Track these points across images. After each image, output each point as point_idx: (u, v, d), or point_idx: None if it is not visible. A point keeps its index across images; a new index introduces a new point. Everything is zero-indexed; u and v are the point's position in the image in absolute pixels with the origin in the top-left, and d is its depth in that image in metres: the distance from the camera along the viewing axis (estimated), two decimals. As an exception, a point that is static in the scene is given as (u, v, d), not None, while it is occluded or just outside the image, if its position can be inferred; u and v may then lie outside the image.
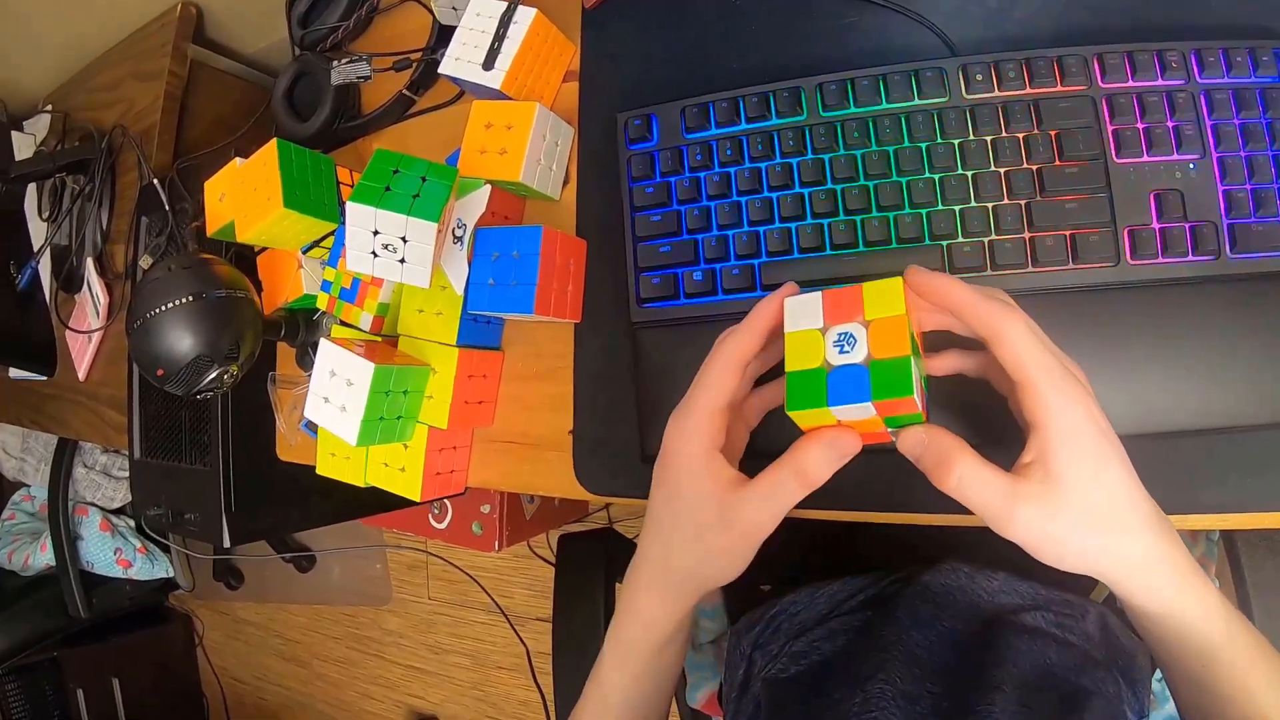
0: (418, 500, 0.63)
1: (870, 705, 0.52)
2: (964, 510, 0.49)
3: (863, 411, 0.37)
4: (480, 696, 1.91)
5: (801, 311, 0.40)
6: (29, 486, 1.87)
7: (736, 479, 0.42)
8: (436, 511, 1.47)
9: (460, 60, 0.63)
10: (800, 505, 0.52)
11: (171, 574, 1.81)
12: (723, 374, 0.42)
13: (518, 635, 1.69)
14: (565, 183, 0.65)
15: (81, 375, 1.11)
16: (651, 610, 0.46)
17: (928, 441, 0.38)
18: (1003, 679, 0.52)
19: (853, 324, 0.38)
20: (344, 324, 0.65)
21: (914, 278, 0.39)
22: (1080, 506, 0.36)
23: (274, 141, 0.62)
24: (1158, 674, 0.67)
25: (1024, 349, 0.37)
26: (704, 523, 0.42)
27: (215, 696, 2.34)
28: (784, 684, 0.64)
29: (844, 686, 0.56)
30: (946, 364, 0.46)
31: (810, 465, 0.39)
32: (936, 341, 0.44)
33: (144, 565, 1.74)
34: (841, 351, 0.38)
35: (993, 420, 0.46)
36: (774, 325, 0.42)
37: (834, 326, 0.39)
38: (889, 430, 0.40)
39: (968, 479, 0.37)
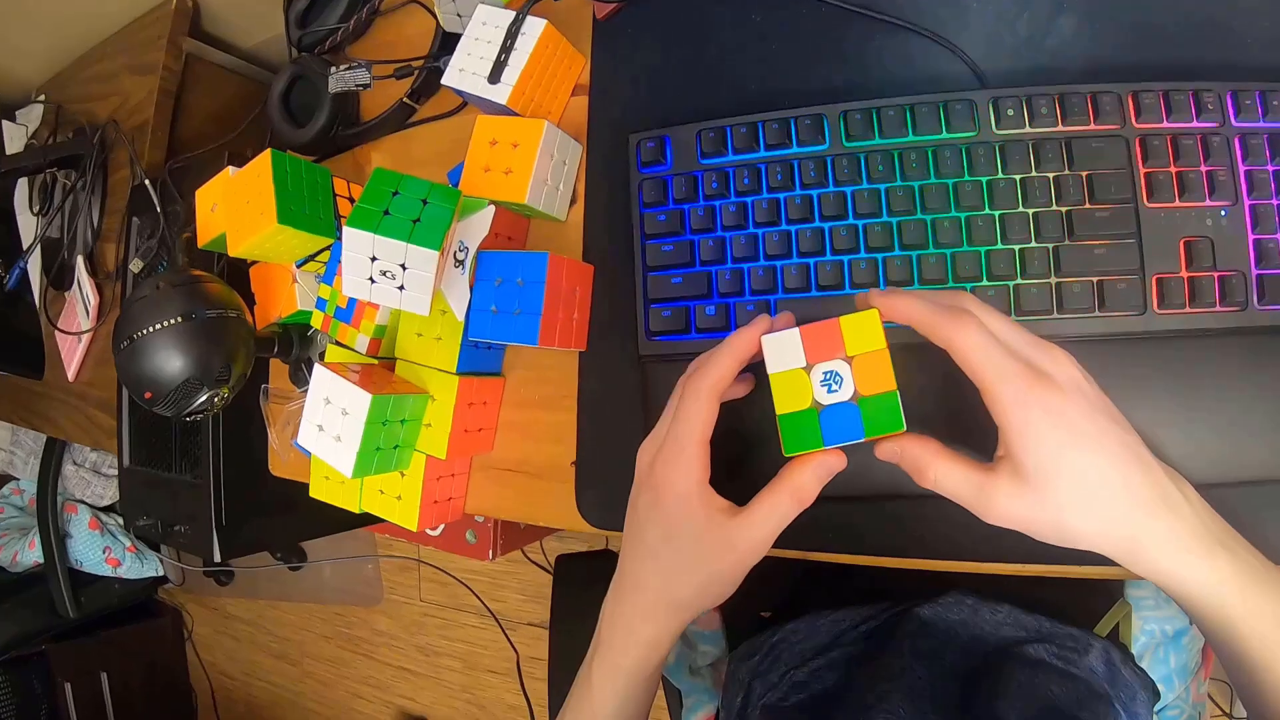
0: (415, 529, 0.61)
1: None
2: (971, 558, 0.50)
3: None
4: (470, 700, 1.90)
5: (782, 350, 0.41)
6: (18, 480, 1.84)
7: (729, 507, 0.44)
8: (431, 518, 1.46)
9: (465, 72, 0.61)
10: (811, 548, 0.53)
11: (161, 572, 1.79)
12: (705, 407, 0.44)
13: (509, 641, 1.68)
14: (572, 202, 0.63)
15: (71, 376, 1.09)
16: (655, 635, 0.48)
17: (902, 451, 0.41)
18: (1006, 712, 0.52)
19: (836, 361, 0.40)
20: (339, 344, 0.63)
21: (874, 302, 0.41)
22: (1052, 494, 0.38)
23: (268, 152, 0.60)
24: (1158, 707, 0.66)
25: (977, 357, 0.38)
26: (706, 552, 0.44)
27: (204, 692, 2.33)
28: (783, 713, 0.64)
29: (846, 717, 0.55)
30: None
31: (805, 487, 0.42)
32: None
33: (133, 564, 1.72)
34: (830, 391, 0.40)
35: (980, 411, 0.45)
36: (748, 356, 0.44)
37: (818, 365, 0.40)
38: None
39: (943, 478, 0.40)
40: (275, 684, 2.28)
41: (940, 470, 0.40)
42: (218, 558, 0.85)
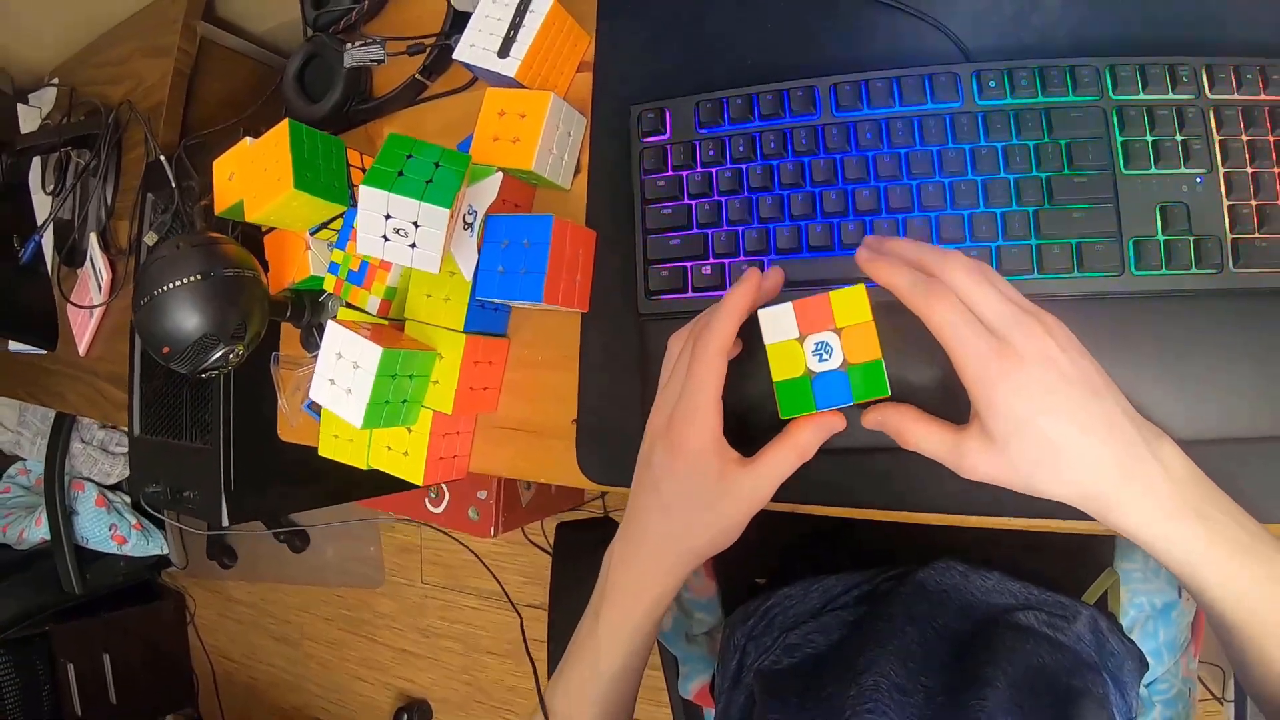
0: (420, 485, 0.64)
1: (864, 698, 0.52)
2: (958, 511, 0.51)
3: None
4: (469, 681, 1.92)
5: (776, 323, 0.45)
6: (24, 460, 1.86)
7: (739, 459, 0.47)
8: (433, 496, 1.48)
9: (475, 47, 0.63)
10: (804, 500, 0.54)
11: (166, 551, 1.80)
12: (715, 367, 0.47)
13: (512, 604, 1.68)
14: (576, 172, 0.65)
15: (82, 350, 1.11)
16: (664, 586, 0.50)
17: (883, 420, 0.46)
18: (996, 676, 0.52)
19: (826, 333, 0.44)
20: (350, 306, 0.66)
21: (862, 265, 0.45)
22: (1019, 456, 0.41)
23: (286, 122, 0.62)
24: (1145, 679, 0.68)
25: (946, 334, 0.41)
26: (718, 501, 0.47)
27: (205, 674, 2.34)
28: (777, 675, 0.65)
29: (837, 679, 0.56)
30: None
31: (806, 443, 0.46)
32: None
33: (139, 542, 1.73)
34: (820, 360, 0.44)
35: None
36: (744, 312, 0.47)
37: (810, 336, 0.44)
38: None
39: (921, 440, 0.44)
40: (276, 666, 2.30)
41: (918, 434, 0.45)
42: (226, 522, 0.87)
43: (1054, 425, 0.40)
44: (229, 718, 2.32)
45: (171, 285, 0.58)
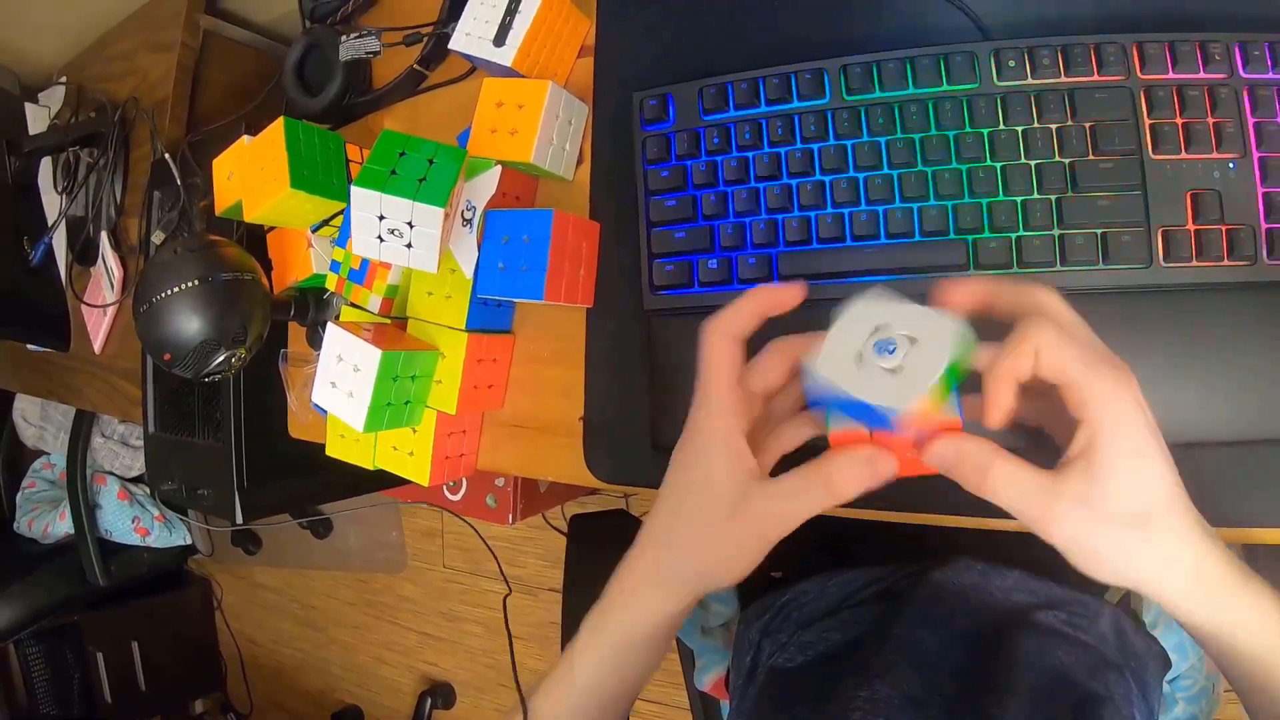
0: (426, 484, 0.63)
1: (879, 708, 0.51)
2: (985, 514, 0.48)
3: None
4: (492, 664, 1.93)
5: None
6: (49, 454, 1.89)
7: (758, 470, 0.40)
8: (451, 484, 1.48)
9: (471, 36, 0.62)
10: None
11: (189, 541, 1.83)
12: (719, 348, 0.40)
13: (507, 584, 1.68)
14: (579, 162, 0.64)
15: (97, 348, 1.11)
16: (645, 603, 0.44)
17: (960, 450, 0.36)
18: (1015, 682, 0.51)
19: (901, 336, 0.35)
20: (353, 305, 0.65)
21: (948, 295, 0.38)
22: (1123, 502, 0.34)
23: (281, 120, 0.61)
24: (1168, 676, 0.66)
25: (1060, 353, 0.35)
26: (716, 507, 0.40)
27: (233, 658, 2.39)
28: (790, 674, 0.64)
29: (851, 681, 0.55)
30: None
31: (840, 478, 0.38)
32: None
33: (162, 533, 1.75)
34: (879, 354, 0.35)
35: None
36: (768, 305, 0.41)
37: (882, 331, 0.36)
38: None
39: (1004, 481, 0.35)
40: (302, 650, 2.34)
41: (1003, 470, 0.36)
42: (239, 519, 0.87)
43: (1157, 475, 0.35)
44: (257, 702, 2.37)
45: (169, 292, 0.57)
